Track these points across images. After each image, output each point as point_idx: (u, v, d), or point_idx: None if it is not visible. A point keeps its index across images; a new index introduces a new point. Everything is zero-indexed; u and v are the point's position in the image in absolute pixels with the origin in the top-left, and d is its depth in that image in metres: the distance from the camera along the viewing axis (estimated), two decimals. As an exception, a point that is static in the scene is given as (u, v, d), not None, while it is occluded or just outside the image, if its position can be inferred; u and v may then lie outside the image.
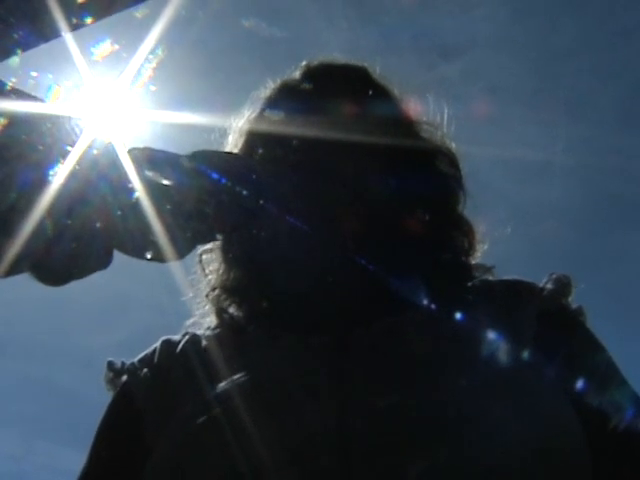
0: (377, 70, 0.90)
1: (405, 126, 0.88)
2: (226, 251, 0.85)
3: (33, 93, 0.53)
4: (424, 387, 0.65)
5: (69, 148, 0.49)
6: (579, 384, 0.70)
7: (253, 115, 0.88)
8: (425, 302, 0.78)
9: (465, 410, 0.62)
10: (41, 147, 0.48)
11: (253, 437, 0.62)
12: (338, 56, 0.91)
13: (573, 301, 0.81)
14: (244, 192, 0.59)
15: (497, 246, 0.89)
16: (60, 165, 0.48)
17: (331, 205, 0.77)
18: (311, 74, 0.87)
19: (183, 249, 0.55)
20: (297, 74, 0.88)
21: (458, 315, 0.76)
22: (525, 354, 0.71)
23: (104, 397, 0.84)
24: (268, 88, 0.90)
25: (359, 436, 0.61)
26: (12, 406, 6.01)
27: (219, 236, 0.63)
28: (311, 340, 0.72)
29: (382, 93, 0.88)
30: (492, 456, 0.59)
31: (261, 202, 0.61)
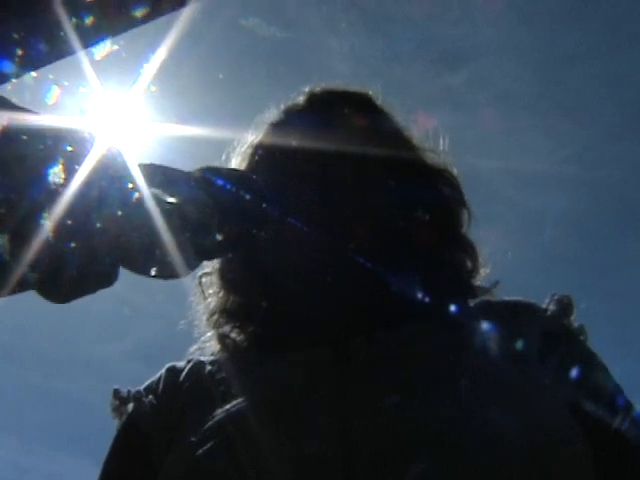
0: (380, 97, 0.92)
1: (408, 150, 0.89)
2: (226, 272, 0.86)
3: (34, 95, 0.52)
4: (424, 388, 0.67)
5: (70, 148, 0.49)
6: (575, 391, 0.71)
7: (257, 139, 0.90)
8: (426, 308, 0.79)
9: (465, 411, 0.63)
10: (49, 155, 0.48)
11: (262, 455, 0.63)
12: (343, 66, 0.93)
13: (574, 320, 0.82)
14: (247, 196, 0.59)
15: (505, 253, 0.89)
16: (63, 172, 0.48)
17: (333, 210, 0.78)
18: (314, 99, 0.89)
19: (189, 265, 0.55)
20: (300, 99, 0.90)
21: (459, 321, 0.77)
22: (524, 361, 0.72)
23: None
24: (272, 113, 0.91)
25: (361, 436, 0.62)
26: (19, 414, 6.02)
27: (224, 252, 0.63)
28: (313, 355, 0.73)
29: (385, 118, 0.90)
30: (492, 457, 0.59)
31: (264, 206, 0.61)
